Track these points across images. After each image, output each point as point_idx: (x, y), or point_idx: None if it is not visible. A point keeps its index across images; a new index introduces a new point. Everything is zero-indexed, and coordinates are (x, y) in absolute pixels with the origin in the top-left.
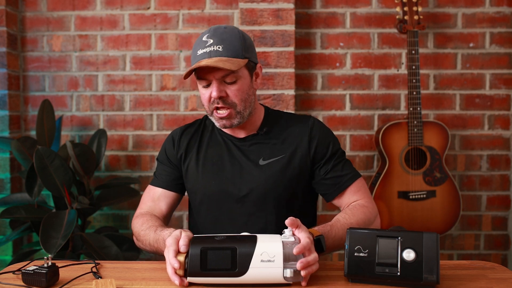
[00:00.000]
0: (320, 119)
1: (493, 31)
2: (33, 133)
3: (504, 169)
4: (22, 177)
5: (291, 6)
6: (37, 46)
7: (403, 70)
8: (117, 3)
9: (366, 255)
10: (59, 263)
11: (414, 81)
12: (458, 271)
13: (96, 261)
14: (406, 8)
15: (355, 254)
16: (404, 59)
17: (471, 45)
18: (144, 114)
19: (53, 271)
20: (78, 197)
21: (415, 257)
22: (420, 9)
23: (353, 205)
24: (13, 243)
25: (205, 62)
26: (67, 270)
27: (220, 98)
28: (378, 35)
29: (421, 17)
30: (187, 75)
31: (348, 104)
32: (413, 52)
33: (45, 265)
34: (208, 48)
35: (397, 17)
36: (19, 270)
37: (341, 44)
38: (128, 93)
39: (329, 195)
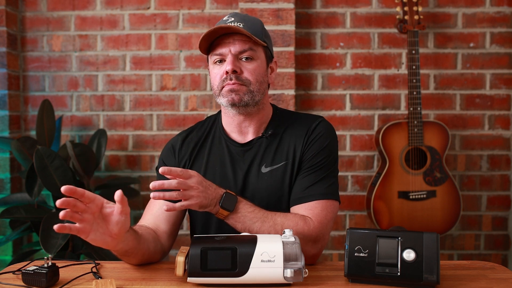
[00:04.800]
0: None
1: (493, 31)
2: (33, 133)
3: (504, 169)
4: (22, 177)
5: (291, 6)
6: (37, 46)
7: (403, 70)
8: (117, 3)
9: (366, 255)
10: (59, 263)
11: (414, 81)
12: (458, 271)
13: (96, 261)
14: (406, 8)
15: (355, 254)
16: (404, 59)
17: (471, 45)
18: (144, 114)
19: (53, 271)
20: None
21: (415, 257)
22: (420, 9)
23: (298, 215)
24: (13, 243)
25: (225, 25)
26: (67, 270)
27: (233, 72)
28: (378, 35)
29: (421, 17)
30: (202, 41)
31: (348, 104)
32: (413, 52)
33: (45, 265)
34: (228, 23)
35: (397, 17)
36: (19, 270)
37: (341, 44)
38: (128, 93)
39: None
